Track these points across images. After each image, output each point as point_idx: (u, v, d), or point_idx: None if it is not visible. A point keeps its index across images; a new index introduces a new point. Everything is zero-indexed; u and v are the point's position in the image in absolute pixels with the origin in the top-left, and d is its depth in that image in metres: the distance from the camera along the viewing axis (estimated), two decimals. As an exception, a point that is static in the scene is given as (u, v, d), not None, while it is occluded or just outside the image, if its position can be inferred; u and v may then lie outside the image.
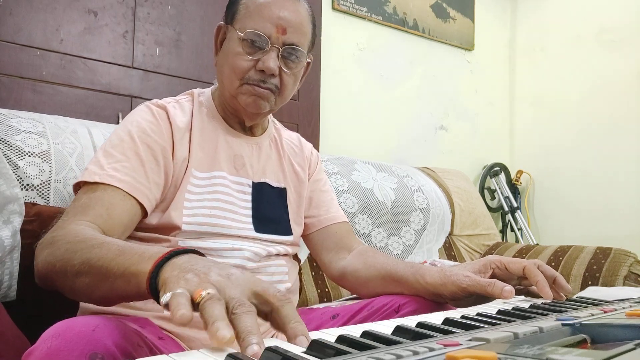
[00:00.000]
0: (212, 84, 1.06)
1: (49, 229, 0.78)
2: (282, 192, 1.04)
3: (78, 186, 0.85)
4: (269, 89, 0.92)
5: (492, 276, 0.84)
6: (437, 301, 0.85)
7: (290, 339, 0.48)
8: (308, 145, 1.15)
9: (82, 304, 0.91)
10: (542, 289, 0.77)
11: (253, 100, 0.92)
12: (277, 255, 0.99)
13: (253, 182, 0.99)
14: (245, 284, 0.52)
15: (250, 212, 0.96)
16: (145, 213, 0.86)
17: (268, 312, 0.52)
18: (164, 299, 0.48)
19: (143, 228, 0.89)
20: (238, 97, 0.93)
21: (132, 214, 0.83)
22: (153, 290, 0.54)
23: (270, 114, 1.06)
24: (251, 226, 0.95)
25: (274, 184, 1.03)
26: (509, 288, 0.75)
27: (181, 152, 0.91)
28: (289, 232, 1.02)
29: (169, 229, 0.89)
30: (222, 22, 0.97)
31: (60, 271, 0.67)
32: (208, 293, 0.48)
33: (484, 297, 0.82)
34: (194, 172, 0.92)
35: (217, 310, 0.46)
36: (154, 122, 0.90)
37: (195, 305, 0.48)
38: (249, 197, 0.97)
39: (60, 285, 0.70)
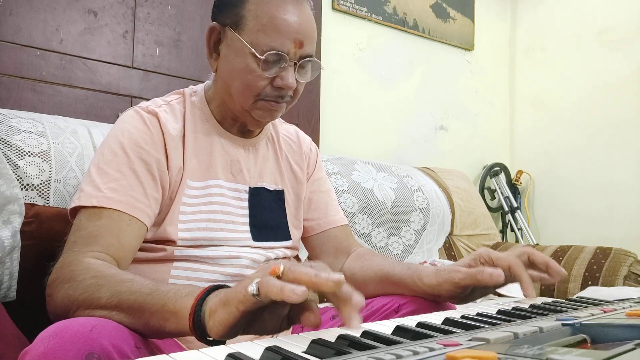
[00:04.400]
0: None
1: (54, 264, 0.75)
2: (279, 194, 1.01)
3: (74, 210, 0.81)
4: (285, 102, 0.90)
5: None
6: (436, 301, 0.85)
7: (345, 321, 0.55)
8: (307, 140, 1.11)
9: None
10: (525, 289, 0.77)
11: (269, 114, 0.90)
12: (276, 259, 0.97)
13: (250, 188, 0.96)
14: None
15: (247, 220, 0.94)
16: (147, 230, 0.84)
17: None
18: (251, 288, 0.51)
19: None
20: (252, 112, 0.89)
21: (139, 236, 0.81)
22: (197, 324, 0.55)
23: None
24: (249, 235, 0.93)
25: (271, 187, 1.00)
26: (497, 272, 0.75)
27: (176, 162, 0.87)
28: (287, 237, 1.00)
29: (164, 242, 0.87)
30: (216, 24, 0.89)
31: (84, 304, 0.65)
32: (284, 266, 0.53)
33: (481, 290, 0.82)
34: (189, 182, 0.89)
35: (307, 268, 0.52)
36: (146, 131, 0.85)
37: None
38: (246, 204, 0.94)
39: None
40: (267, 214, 0.97)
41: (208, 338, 0.55)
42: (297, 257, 1.09)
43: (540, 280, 0.84)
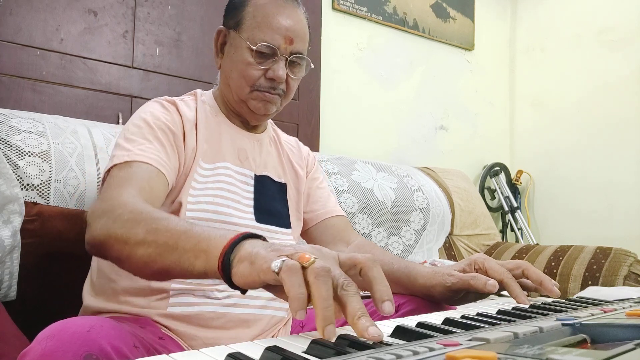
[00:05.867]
0: (212, 83, 1.07)
1: (86, 213, 0.78)
2: (282, 187, 1.06)
3: (106, 174, 0.86)
4: (277, 94, 0.97)
5: None
6: (432, 301, 0.85)
7: (376, 302, 0.52)
8: (305, 148, 1.19)
9: (84, 305, 0.91)
10: (517, 301, 0.78)
11: (263, 105, 0.97)
12: None
13: (255, 175, 1.02)
14: (333, 257, 0.54)
15: (252, 203, 0.99)
16: (168, 189, 0.88)
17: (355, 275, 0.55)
18: (275, 265, 0.50)
19: None
20: (248, 101, 0.97)
21: (165, 190, 0.86)
22: (225, 266, 0.55)
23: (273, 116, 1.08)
24: (252, 216, 0.97)
25: (275, 179, 1.06)
26: (492, 282, 0.76)
27: (190, 143, 0.95)
28: (288, 225, 1.04)
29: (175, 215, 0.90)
30: (222, 27, 1.00)
31: (121, 239, 0.67)
32: (315, 259, 0.50)
33: (474, 295, 0.82)
34: (201, 163, 0.95)
35: (329, 288, 0.48)
36: (166, 112, 0.94)
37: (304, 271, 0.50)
38: (251, 189, 1.00)
39: (118, 253, 0.69)
40: (271, 202, 1.02)
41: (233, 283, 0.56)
42: None
43: (536, 291, 0.84)
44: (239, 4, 0.98)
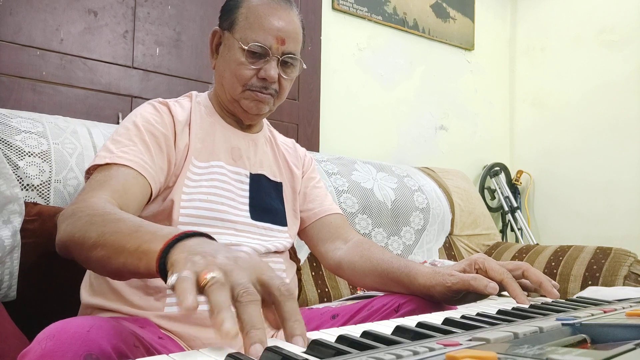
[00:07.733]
0: (211, 83, 1.08)
1: (57, 217, 0.79)
2: (278, 185, 1.07)
3: (88, 173, 0.89)
4: (269, 94, 0.99)
5: None
6: (432, 301, 0.85)
7: (287, 338, 0.48)
8: (302, 149, 1.20)
9: (83, 303, 0.91)
10: (517, 301, 0.78)
11: (255, 105, 0.99)
12: (276, 252, 1.00)
13: (251, 173, 1.02)
14: (252, 269, 0.51)
15: (247, 201, 1.00)
16: (151, 196, 0.89)
17: (270, 304, 0.51)
18: (170, 281, 0.48)
19: (143, 216, 0.90)
20: (240, 101, 0.99)
21: (144, 193, 0.87)
22: (162, 270, 0.54)
23: (267, 116, 1.10)
24: (248, 214, 0.98)
25: (271, 178, 1.06)
26: (493, 285, 0.76)
27: (182, 143, 0.96)
28: (284, 223, 1.05)
29: (167, 213, 0.91)
30: (217, 28, 1.02)
31: (78, 242, 0.69)
32: (213, 277, 0.47)
33: (474, 295, 0.82)
34: (194, 161, 0.96)
35: (222, 297, 0.45)
36: (157, 114, 0.96)
37: (201, 289, 0.47)
38: (247, 187, 1.01)
39: (77, 256, 0.71)
40: (267, 200, 1.03)
41: None
42: (292, 248, 1.10)
43: (535, 292, 0.84)
44: (233, 5, 0.99)
